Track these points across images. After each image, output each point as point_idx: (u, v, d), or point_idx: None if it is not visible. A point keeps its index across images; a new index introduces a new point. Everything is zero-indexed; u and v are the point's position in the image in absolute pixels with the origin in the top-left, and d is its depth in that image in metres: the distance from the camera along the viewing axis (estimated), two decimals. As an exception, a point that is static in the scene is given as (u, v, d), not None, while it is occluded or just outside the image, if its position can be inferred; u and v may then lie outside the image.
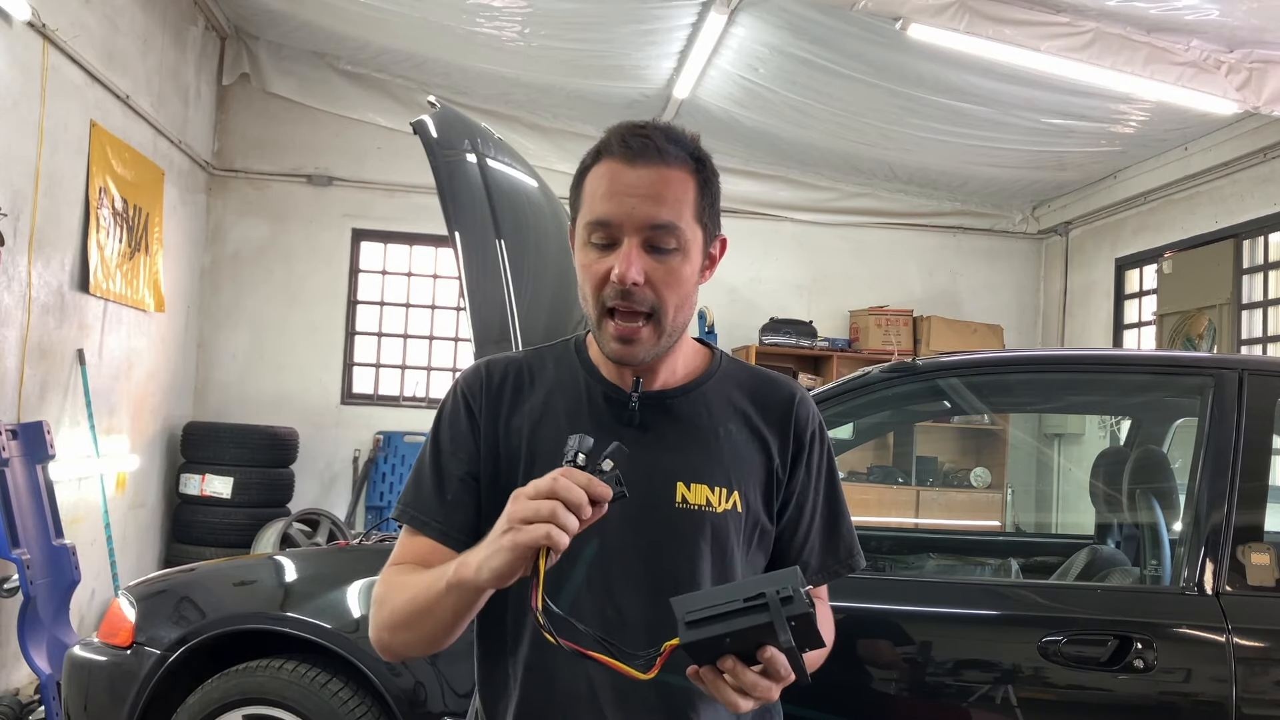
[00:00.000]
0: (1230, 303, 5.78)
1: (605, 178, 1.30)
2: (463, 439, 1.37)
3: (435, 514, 1.34)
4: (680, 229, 1.29)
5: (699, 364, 1.43)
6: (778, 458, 1.40)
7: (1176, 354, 4.98)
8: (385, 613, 1.30)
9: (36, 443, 4.11)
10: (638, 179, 1.28)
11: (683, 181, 1.30)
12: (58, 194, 4.58)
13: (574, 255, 1.38)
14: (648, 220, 1.27)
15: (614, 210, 1.28)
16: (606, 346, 1.32)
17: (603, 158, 1.32)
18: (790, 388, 1.45)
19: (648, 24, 5.38)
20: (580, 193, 1.34)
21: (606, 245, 1.29)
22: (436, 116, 2.95)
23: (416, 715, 2.46)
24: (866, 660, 2.22)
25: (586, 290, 1.32)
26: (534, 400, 1.38)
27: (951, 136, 6.15)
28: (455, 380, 1.43)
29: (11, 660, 4.28)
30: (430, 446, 1.39)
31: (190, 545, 6.13)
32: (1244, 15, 4.27)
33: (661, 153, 1.29)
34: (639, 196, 1.27)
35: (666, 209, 1.28)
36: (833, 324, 7.52)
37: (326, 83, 7.00)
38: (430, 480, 1.36)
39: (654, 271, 1.28)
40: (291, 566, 2.87)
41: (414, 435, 6.95)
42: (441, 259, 7.27)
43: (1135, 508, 2.77)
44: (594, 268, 1.30)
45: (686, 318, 1.34)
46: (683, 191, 1.30)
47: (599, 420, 1.35)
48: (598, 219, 1.29)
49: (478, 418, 1.37)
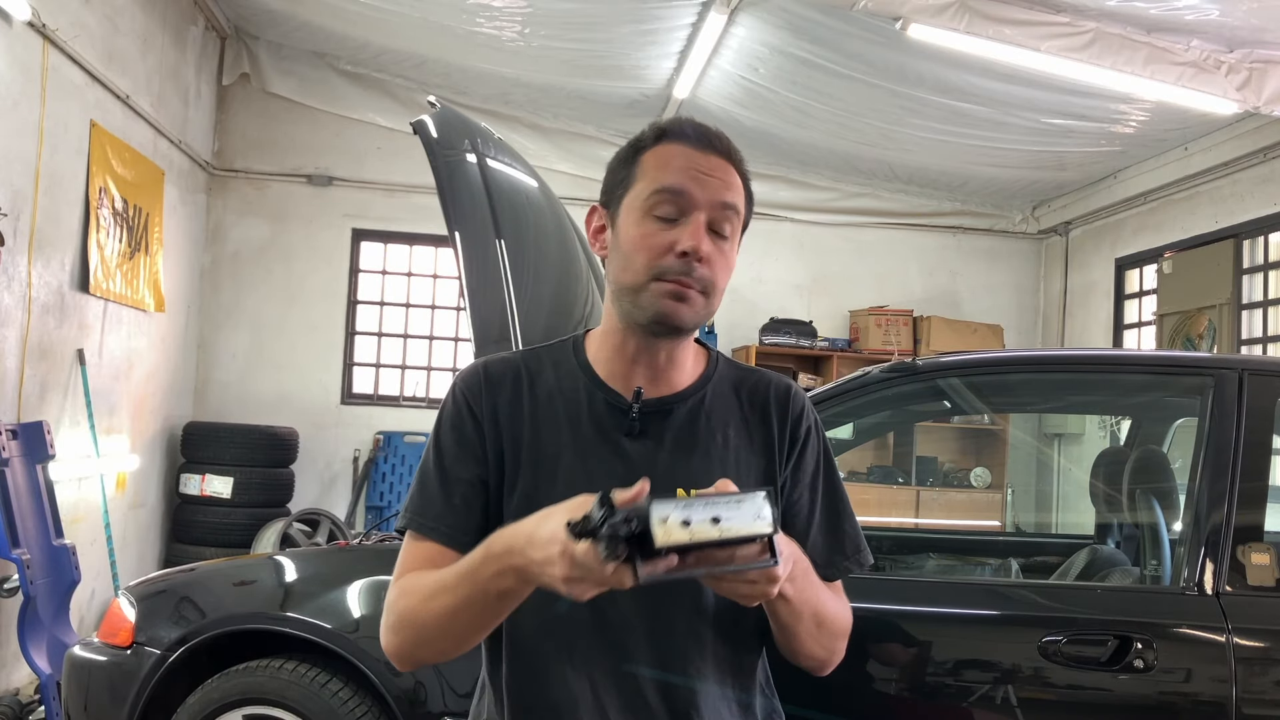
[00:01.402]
0: (1230, 303, 5.78)
1: (678, 155, 1.32)
2: (466, 443, 1.35)
3: (444, 519, 1.33)
4: (739, 217, 1.34)
5: (699, 368, 1.43)
6: (777, 458, 1.40)
7: (1176, 354, 4.98)
8: (407, 620, 1.27)
9: (36, 443, 4.11)
10: (710, 163, 1.32)
11: (739, 181, 1.35)
12: (58, 194, 4.58)
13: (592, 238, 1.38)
14: (720, 199, 1.31)
15: (689, 183, 1.30)
16: (652, 306, 1.29)
17: (668, 138, 1.34)
18: (785, 386, 1.45)
19: (648, 24, 5.38)
20: (635, 169, 1.34)
21: (670, 220, 1.30)
22: (436, 116, 2.95)
23: (417, 715, 2.46)
24: (867, 660, 2.22)
25: (637, 260, 1.30)
26: (534, 404, 1.37)
27: (951, 136, 6.15)
28: (454, 383, 1.41)
29: (11, 660, 4.28)
30: (433, 452, 1.37)
31: (190, 545, 6.13)
32: (1244, 15, 4.27)
33: (730, 152, 1.35)
34: (713, 178, 1.31)
35: (733, 194, 1.33)
36: (833, 324, 7.52)
37: (326, 83, 7.00)
38: (436, 485, 1.35)
39: (713, 253, 1.30)
40: (291, 566, 2.87)
41: (414, 435, 6.95)
42: (441, 259, 7.27)
43: (1135, 508, 2.77)
44: (655, 239, 1.29)
45: (717, 307, 1.36)
46: (740, 187, 1.35)
47: (600, 428, 1.35)
48: (669, 187, 1.30)
49: (481, 420, 1.36)
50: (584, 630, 1.31)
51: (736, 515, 1.05)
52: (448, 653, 1.27)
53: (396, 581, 1.32)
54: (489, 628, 1.26)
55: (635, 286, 1.30)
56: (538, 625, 1.31)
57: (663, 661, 1.31)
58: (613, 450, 1.34)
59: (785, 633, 1.31)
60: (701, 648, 1.33)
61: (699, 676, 1.33)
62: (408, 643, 1.28)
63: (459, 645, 1.26)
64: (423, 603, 1.25)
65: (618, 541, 1.01)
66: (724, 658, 1.35)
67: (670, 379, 1.38)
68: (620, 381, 1.36)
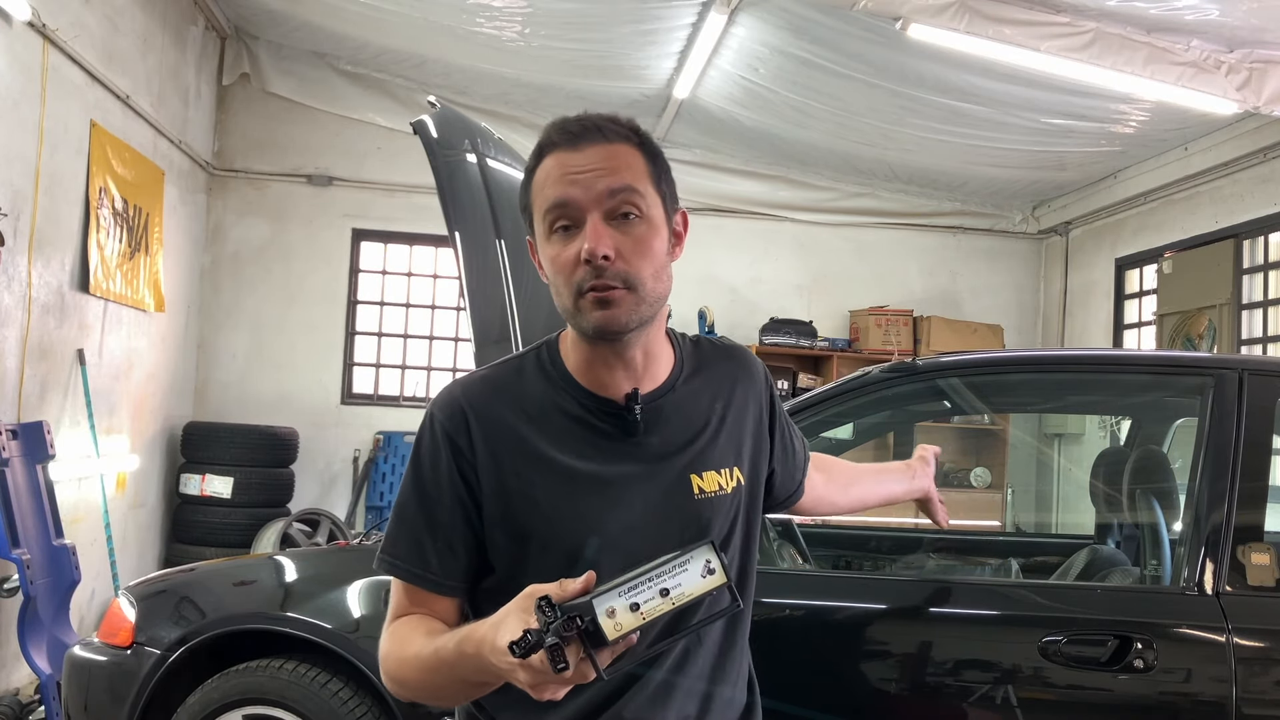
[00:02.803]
0: (1230, 303, 5.77)
1: (553, 166, 1.28)
2: (450, 483, 1.31)
3: (429, 567, 1.31)
4: (638, 193, 1.27)
5: (673, 353, 1.42)
6: (763, 420, 1.48)
7: (1176, 354, 4.97)
8: (399, 680, 1.29)
9: (36, 443, 4.11)
10: (585, 159, 1.26)
11: (629, 154, 1.29)
12: (58, 194, 4.58)
13: (540, 268, 1.35)
14: (605, 190, 1.25)
15: (569, 190, 1.25)
16: (587, 320, 1.26)
17: (545, 153, 1.30)
18: (746, 354, 1.51)
19: (648, 24, 5.38)
20: (530, 195, 1.32)
21: (568, 229, 1.26)
22: (436, 116, 2.95)
23: (416, 715, 2.46)
24: (867, 660, 2.22)
25: (559, 282, 1.28)
26: (526, 426, 1.32)
27: (951, 136, 6.15)
28: (430, 414, 1.35)
29: (11, 660, 4.28)
30: (412, 489, 1.33)
31: (190, 545, 6.12)
32: (1244, 15, 4.27)
33: (602, 131, 1.28)
34: (591, 172, 1.25)
35: (619, 176, 1.26)
36: (833, 324, 7.52)
37: (326, 83, 7.00)
38: (421, 528, 1.31)
39: (623, 244, 1.25)
40: (291, 566, 2.87)
41: (414, 435, 6.93)
42: (441, 259, 7.27)
43: (1135, 508, 2.77)
44: (562, 256, 1.26)
45: (665, 290, 1.31)
46: (632, 161, 1.28)
47: (605, 434, 1.33)
48: (554, 202, 1.26)
49: (468, 455, 1.31)
50: None
51: (685, 578, 1.04)
52: (445, 708, 1.32)
53: (389, 625, 1.33)
54: (478, 694, 1.28)
55: (568, 309, 1.28)
56: None
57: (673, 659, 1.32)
58: (620, 455, 1.33)
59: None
60: (710, 644, 1.36)
61: (708, 675, 1.35)
62: (404, 693, 1.31)
63: (453, 702, 1.31)
64: (412, 673, 1.26)
65: (561, 650, 0.99)
66: (732, 653, 1.39)
67: (653, 373, 1.37)
68: (606, 387, 1.34)
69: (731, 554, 1.38)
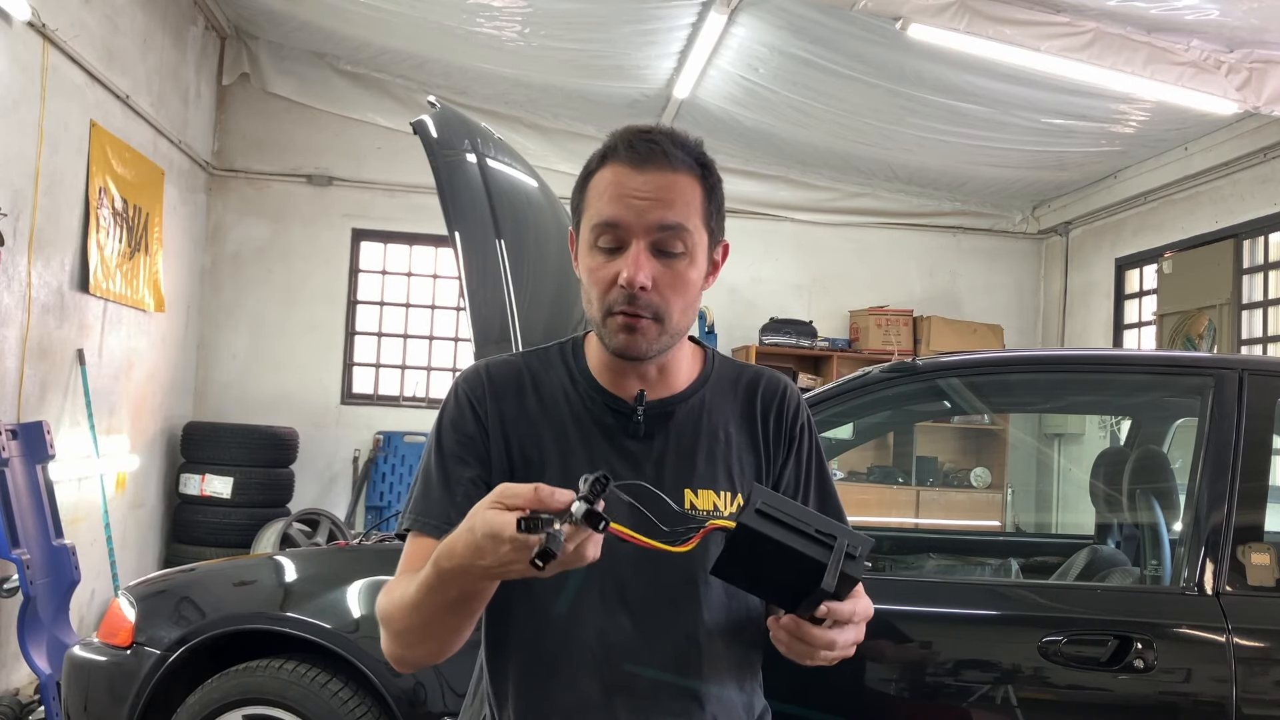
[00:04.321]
0: (1230, 303, 5.77)
1: (612, 182, 1.29)
2: (469, 442, 1.35)
3: (446, 516, 1.31)
4: (688, 232, 1.29)
5: (696, 368, 1.44)
6: (774, 454, 1.42)
7: (1176, 354, 4.98)
8: (389, 626, 1.27)
9: (36, 443, 4.11)
10: (645, 183, 1.28)
11: (690, 186, 1.30)
12: (58, 194, 4.58)
13: (575, 259, 1.38)
14: (656, 222, 1.27)
15: (622, 213, 1.27)
16: (611, 340, 1.30)
17: (608, 162, 1.31)
18: (779, 382, 1.46)
19: (648, 24, 5.38)
20: (584, 197, 1.34)
21: (613, 249, 1.29)
22: (436, 116, 2.95)
23: (416, 715, 2.46)
24: (866, 660, 2.22)
25: (592, 294, 1.31)
26: (539, 406, 1.37)
27: (951, 136, 6.15)
28: (455, 383, 1.40)
29: (11, 660, 4.28)
30: (435, 452, 1.36)
31: (190, 545, 6.12)
32: (1244, 15, 4.27)
33: (669, 157, 1.29)
34: (647, 200, 1.27)
35: (674, 212, 1.28)
36: (833, 324, 7.52)
37: (326, 83, 7.00)
38: (438, 485, 1.34)
39: (661, 276, 1.28)
40: (291, 566, 2.86)
41: (414, 435, 6.95)
42: (441, 259, 7.27)
43: (1135, 508, 2.77)
44: (601, 272, 1.29)
45: (690, 321, 1.35)
46: (690, 196, 1.30)
47: (605, 431, 1.35)
48: (605, 220, 1.28)
49: (484, 420, 1.35)
50: (591, 633, 1.31)
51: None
52: (435, 655, 1.27)
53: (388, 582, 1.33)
54: (467, 628, 1.25)
55: (595, 319, 1.32)
56: (543, 628, 1.32)
57: (673, 664, 1.32)
58: (619, 453, 1.34)
59: None
60: (710, 650, 1.34)
61: (707, 680, 1.33)
62: (395, 644, 1.28)
63: (442, 645, 1.26)
64: (401, 611, 1.24)
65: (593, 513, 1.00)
66: (731, 659, 1.36)
67: (668, 382, 1.39)
68: (620, 387, 1.37)
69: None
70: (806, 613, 1.10)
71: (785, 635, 1.15)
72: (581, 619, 1.30)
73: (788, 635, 1.16)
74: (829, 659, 1.17)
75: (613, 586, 1.31)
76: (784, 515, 1.06)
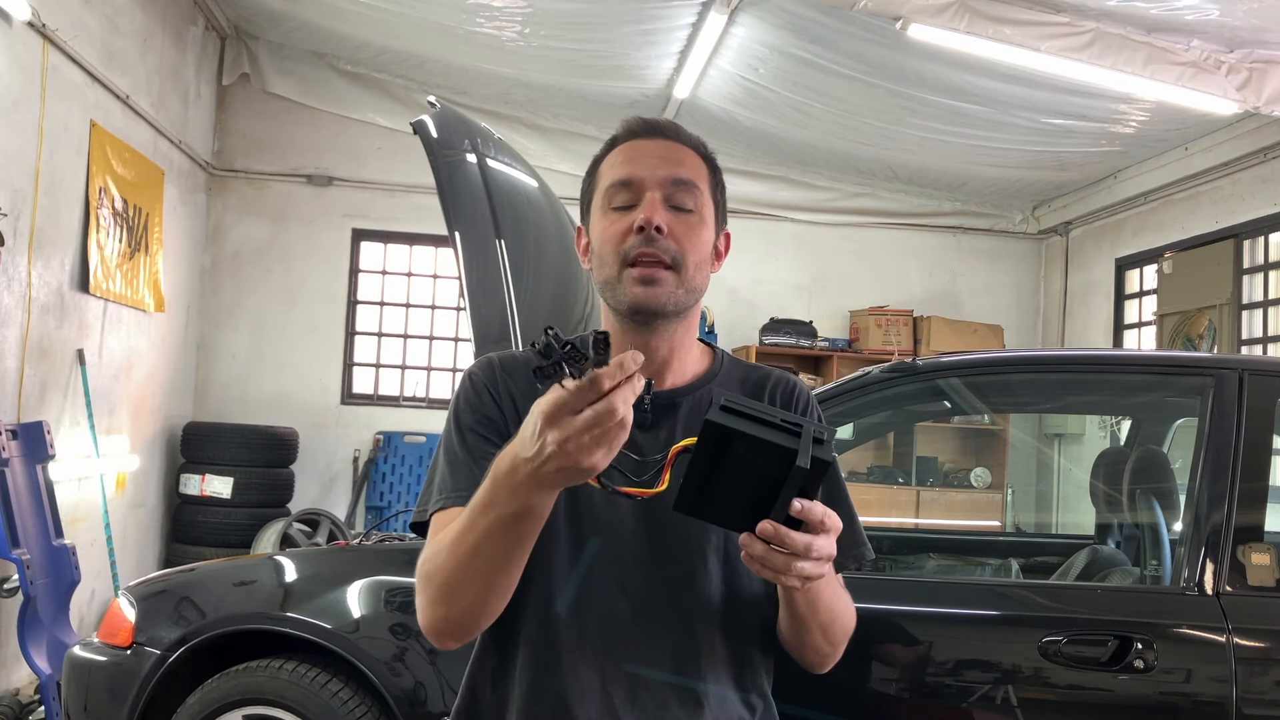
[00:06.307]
0: (1230, 303, 5.78)
1: (624, 151, 1.36)
2: (489, 423, 1.35)
3: (476, 486, 1.24)
4: (700, 191, 1.35)
5: (704, 364, 1.45)
6: None
7: (1176, 354, 4.98)
8: (433, 577, 1.21)
9: (36, 443, 4.11)
10: (657, 147, 1.36)
11: (697, 162, 1.38)
12: (58, 194, 4.58)
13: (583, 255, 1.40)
14: (669, 176, 1.33)
15: (635, 170, 1.33)
16: (627, 293, 1.31)
17: (616, 144, 1.38)
18: (788, 380, 1.47)
19: (648, 24, 5.38)
20: (595, 179, 1.39)
21: (627, 207, 1.33)
22: (436, 116, 2.95)
23: (416, 715, 2.46)
24: (867, 660, 2.22)
25: (606, 253, 1.33)
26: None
27: (951, 136, 6.15)
28: (468, 371, 1.41)
29: (11, 660, 4.28)
30: (455, 434, 1.35)
31: (190, 545, 6.12)
32: (1244, 15, 4.27)
33: (676, 132, 1.38)
34: (659, 158, 1.34)
35: (685, 169, 1.35)
36: (833, 324, 7.52)
37: (326, 83, 7.00)
38: (464, 461, 1.31)
39: (675, 224, 1.32)
40: (291, 566, 2.86)
41: (414, 435, 6.95)
42: (441, 259, 7.27)
43: (1135, 508, 2.77)
44: (614, 227, 1.33)
45: (704, 282, 1.37)
46: (697, 165, 1.38)
47: None
48: (619, 179, 1.34)
49: (500, 403, 1.36)
50: (593, 625, 1.31)
51: None
52: (480, 603, 1.20)
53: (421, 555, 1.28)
54: (517, 564, 1.19)
55: (610, 280, 1.33)
56: (549, 619, 1.32)
57: (671, 659, 1.32)
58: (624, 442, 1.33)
59: (796, 624, 1.30)
60: (709, 646, 1.34)
61: (706, 676, 1.33)
62: (437, 602, 1.22)
63: (489, 590, 1.19)
64: (448, 553, 1.19)
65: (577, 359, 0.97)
66: (732, 656, 1.36)
67: (676, 372, 1.40)
68: None
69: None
70: (780, 514, 1.09)
71: (761, 546, 1.09)
72: (582, 609, 1.31)
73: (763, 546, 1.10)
74: (804, 572, 1.09)
75: (614, 577, 1.31)
76: (749, 409, 1.07)
